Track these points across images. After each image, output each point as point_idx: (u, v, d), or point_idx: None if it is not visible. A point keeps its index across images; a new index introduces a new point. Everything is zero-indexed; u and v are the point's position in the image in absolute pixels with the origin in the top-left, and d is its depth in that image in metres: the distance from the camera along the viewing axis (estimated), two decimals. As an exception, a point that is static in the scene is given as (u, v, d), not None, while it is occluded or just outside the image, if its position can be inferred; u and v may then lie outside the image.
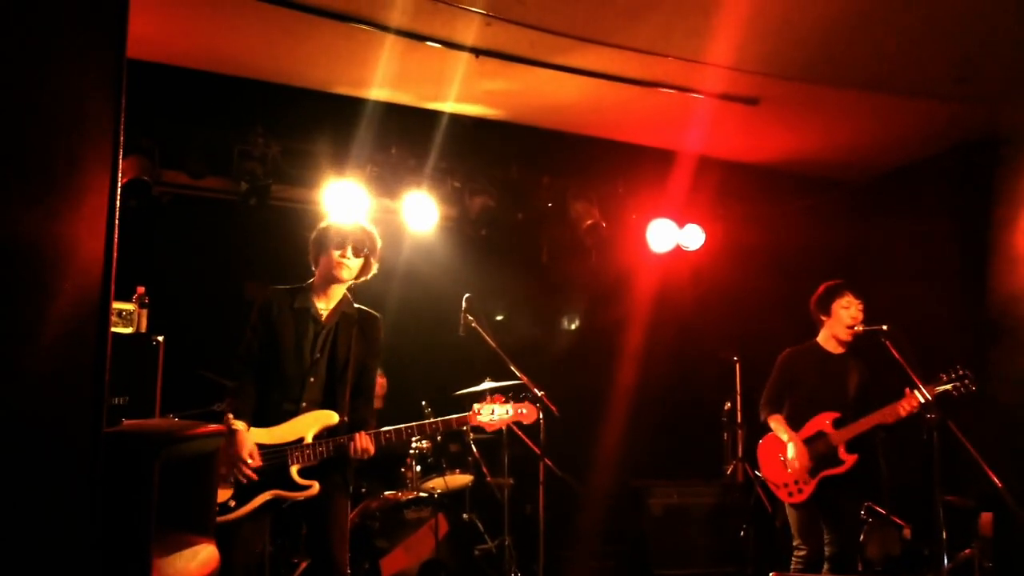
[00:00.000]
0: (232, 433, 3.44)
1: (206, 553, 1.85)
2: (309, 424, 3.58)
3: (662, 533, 6.12)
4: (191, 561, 1.76)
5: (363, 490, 5.59)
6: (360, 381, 3.78)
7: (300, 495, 3.54)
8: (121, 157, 1.70)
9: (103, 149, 1.64)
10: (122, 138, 1.69)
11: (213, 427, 1.91)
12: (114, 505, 1.51)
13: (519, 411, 3.97)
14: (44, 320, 1.49)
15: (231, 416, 3.49)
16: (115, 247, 1.54)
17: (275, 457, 3.51)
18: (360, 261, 3.78)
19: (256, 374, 3.63)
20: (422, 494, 5.18)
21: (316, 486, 3.55)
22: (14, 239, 1.50)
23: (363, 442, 3.58)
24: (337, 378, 3.67)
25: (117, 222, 1.62)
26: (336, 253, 3.70)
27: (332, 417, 3.61)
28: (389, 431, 3.67)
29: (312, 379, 3.64)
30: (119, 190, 1.67)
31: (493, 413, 3.91)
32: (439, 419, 3.87)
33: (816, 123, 6.14)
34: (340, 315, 3.77)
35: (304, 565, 5.01)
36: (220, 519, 3.35)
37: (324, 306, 3.76)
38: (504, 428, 5.61)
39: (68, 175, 1.60)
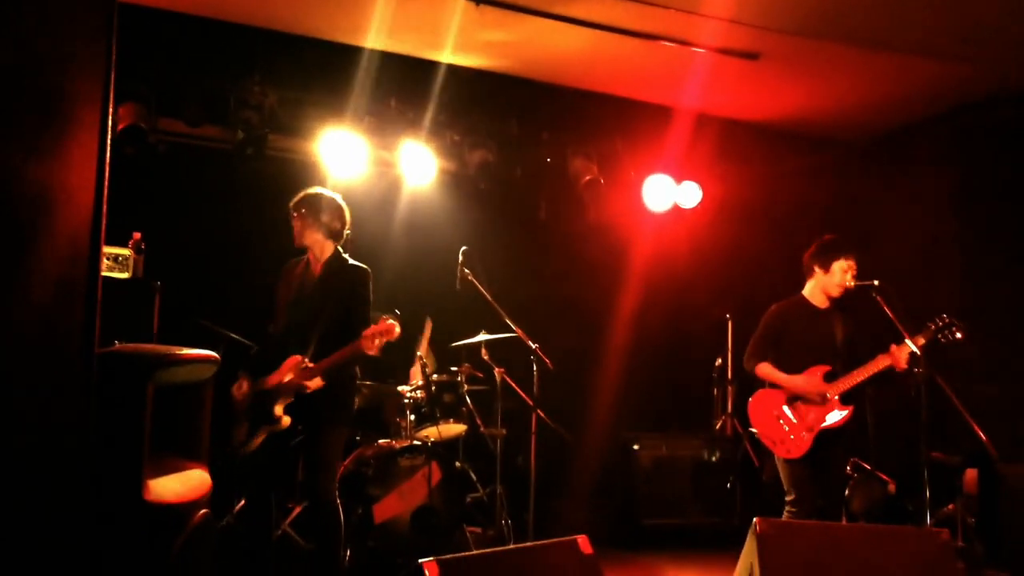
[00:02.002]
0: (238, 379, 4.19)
1: (197, 477, 1.90)
2: (286, 368, 4.09)
3: (651, 484, 6.19)
4: (183, 483, 1.80)
5: (357, 438, 5.66)
6: (350, 323, 4.12)
7: (277, 427, 4.07)
8: (112, 102, 1.71)
9: (94, 94, 1.66)
10: (113, 83, 1.70)
11: (205, 353, 1.95)
12: (109, 424, 1.55)
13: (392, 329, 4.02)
14: (40, 249, 1.51)
15: (240, 371, 4.19)
16: (106, 178, 1.56)
17: (265, 399, 4.10)
18: (302, 222, 4.23)
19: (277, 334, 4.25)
20: (416, 442, 5.23)
21: (286, 419, 4.06)
22: (10, 178, 1.53)
23: (289, 364, 4.05)
24: (332, 327, 4.10)
25: (108, 158, 1.62)
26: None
27: (301, 361, 4.07)
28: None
29: (316, 331, 4.09)
30: (110, 134, 1.68)
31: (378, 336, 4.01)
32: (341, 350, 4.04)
33: (816, 80, 6.11)
34: (330, 274, 4.24)
35: (299, 510, 5.09)
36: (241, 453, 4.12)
37: (316, 267, 4.26)
38: (498, 380, 5.69)
39: (60, 119, 1.61)
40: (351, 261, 4.29)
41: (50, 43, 1.58)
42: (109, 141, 1.60)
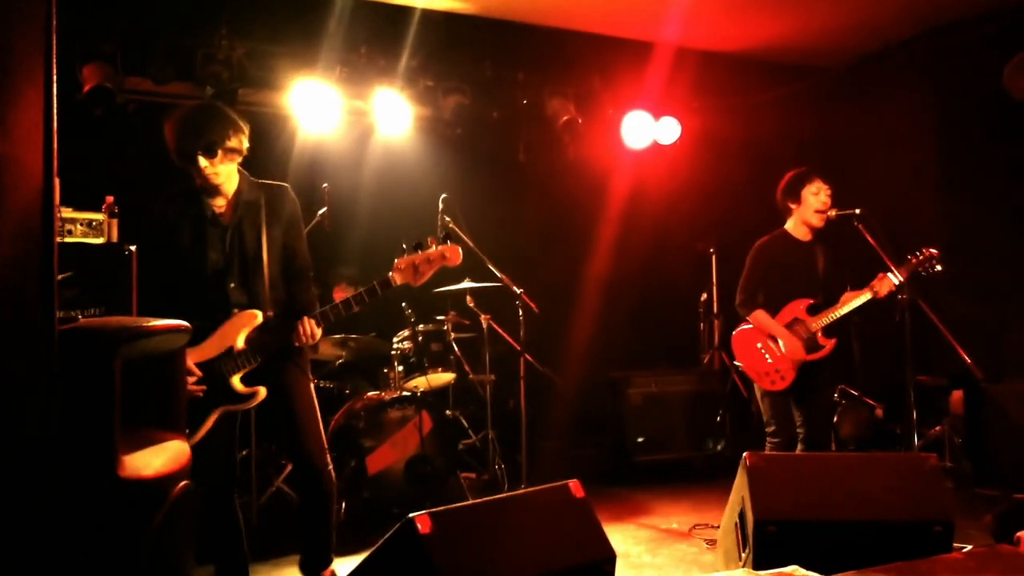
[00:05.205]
0: None
1: (175, 448, 1.87)
2: (235, 330, 3.28)
3: (641, 421, 6.24)
4: (159, 456, 1.78)
5: (347, 391, 5.67)
6: (291, 265, 3.49)
7: (247, 405, 3.28)
8: (55, 61, 1.61)
9: (36, 55, 1.56)
10: (55, 42, 1.61)
11: (175, 323, 1.90)
12: (76, 404, 1.51)
13: (441, 255, 3.51)
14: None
15: None
16: (55, 145, 1.49)
17: (209, 373, 3.20)
18: (224, 156, 3.29)
19: (173, 295, 3.34)
20: (405, 393, 5.24)
21: (262, 391, 3.29)
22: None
23: (309, 327, 3.31)
24: (255, 274, 3.36)
25: (55, 124, 1.55)
26: (192, 167, 3.26)
27: (256, 317, 3.30)
28: (327, 309, 3.38)
29: (232, 284, 3.33)
30: (55, 97, 1.59)
31: (415, 269, 3.50)
32: (366, 288, 3.44)
33: (791, 5, 6.01)
34: (241, 206, 3.38)
35: (291, 466, 5.11)
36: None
37: (221, 203, 3.38)
38: (485, 326, 5.68)
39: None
40: (261, 182, 3.47)
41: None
42: (55, 105, 1.52)
